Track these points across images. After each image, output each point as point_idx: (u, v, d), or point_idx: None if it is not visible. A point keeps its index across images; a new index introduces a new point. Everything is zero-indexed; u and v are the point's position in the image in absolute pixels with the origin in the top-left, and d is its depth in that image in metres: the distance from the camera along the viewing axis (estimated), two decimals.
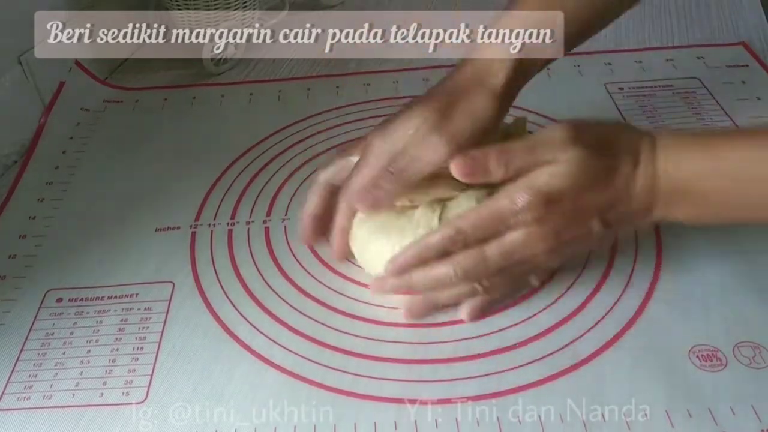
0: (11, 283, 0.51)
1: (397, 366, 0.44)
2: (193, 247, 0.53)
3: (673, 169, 0.41)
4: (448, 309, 0.46)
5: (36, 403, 0.43)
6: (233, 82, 0.75)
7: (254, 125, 0.67)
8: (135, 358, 0.45)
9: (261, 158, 0.63)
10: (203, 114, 0.70)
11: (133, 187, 0.60)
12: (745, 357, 0.42)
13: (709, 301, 0.46)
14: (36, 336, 0.47)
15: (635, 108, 0.66)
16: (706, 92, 0.67)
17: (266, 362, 0.44)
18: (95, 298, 0.49)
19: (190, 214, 0.57)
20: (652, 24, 0.80)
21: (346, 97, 0.71)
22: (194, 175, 0.61)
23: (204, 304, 0.49)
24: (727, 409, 0.40)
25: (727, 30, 0.79)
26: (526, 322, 0.46)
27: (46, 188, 0.61)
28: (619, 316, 0.46)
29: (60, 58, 0.70)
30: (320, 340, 0.46)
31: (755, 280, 0.47)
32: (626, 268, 0.49)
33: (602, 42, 0.77)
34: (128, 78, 0.77)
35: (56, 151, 0.65)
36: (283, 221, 0.55)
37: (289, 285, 0.50)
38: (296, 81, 0.75)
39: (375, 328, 0.46)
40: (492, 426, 0.40)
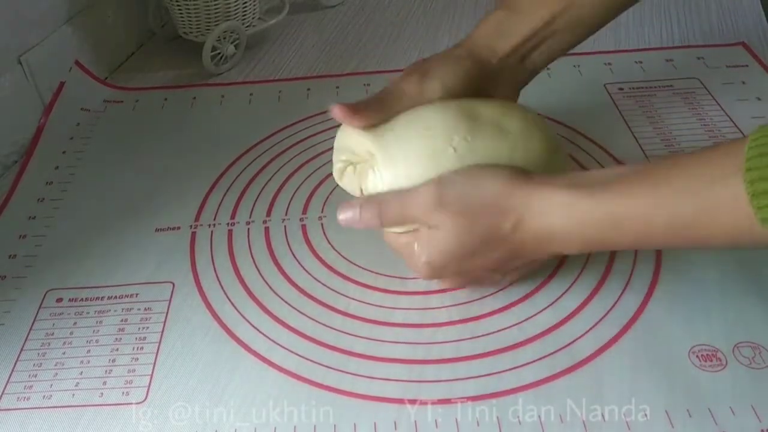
0: (11, 283, 0.51)
1: (397, 366, 0.44)
2: (193, 247, 0.53)
3: (538, 224, 0.40)
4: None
5: (36, 403, 0.43)
6: (233, 82, 0.75)
7: (254, 125, 0.67)
8: (135, 358, 0.45)
9: (261, 158, 0.63)
10: (203, 114, 0.70)
11: (133, 187, 0.60)
12: (744, 357, 0.42)
13: (709, 301, 0.46)
14: (36, 336, 0.47)
15: (635, 108, 0.66)
16: (706, 92, 0.67)
17: (266, 362, 0.44)
18: (95, 298, 0.49)
19: (190, 214, 0.57)
20: (652, 24, 0.80)
21: (346, 97, 0.70)
22: (194, 175, 0.61)
23: (204, 304, 0.49)
24: (727, 409, 0.40)
25: (727, 30, 0.78)
26: (526, 322, 0.46)
27: (46, 188, 0.61)
28: (618, 316, 0.46)
29: (60, 58, 0.70)
30: (320, 340, 0.46)
31: (755, 280, 0.47)
32: (626, 269, 0.49)
33: (602, 42, 0.77)
34: (128, 78, 0.77)
35: (56, 151, 0.65)
36: (283, 221, 0.55)
37: (289, 285, 0.50)
38: (296, 81, 0.75)
39: (375, 328, 0.46)
40: (492, 426, 0.40)
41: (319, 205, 0.57)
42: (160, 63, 0.80)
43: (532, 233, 0.40)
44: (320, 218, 0.55)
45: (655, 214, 0.37)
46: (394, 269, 0.50)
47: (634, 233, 0.39)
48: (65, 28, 0.71)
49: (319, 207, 0.57)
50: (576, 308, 0.46)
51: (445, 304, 0.47)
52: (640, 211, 0.37)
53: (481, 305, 0.47)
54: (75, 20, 0.72)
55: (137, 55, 0.82)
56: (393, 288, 0.49)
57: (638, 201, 0.37)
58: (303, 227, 0.55)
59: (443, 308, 0.47)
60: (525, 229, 0.40)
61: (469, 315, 0.47)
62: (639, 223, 0.38)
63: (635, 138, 0.62)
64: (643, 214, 0.37)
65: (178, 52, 0.80)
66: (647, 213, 0.37)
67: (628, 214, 0.38)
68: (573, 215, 0.39)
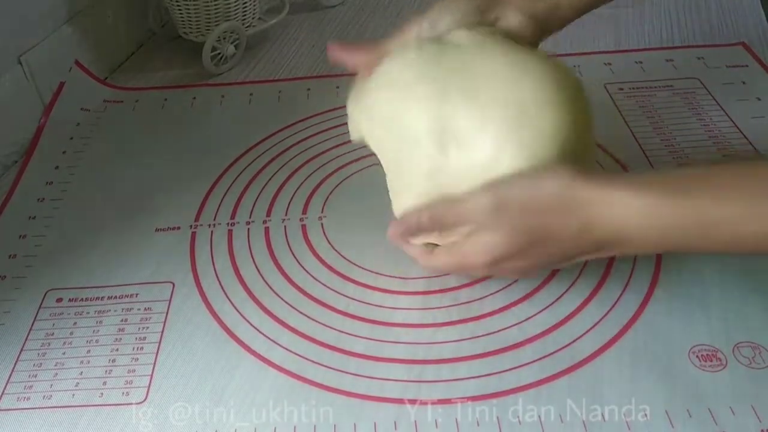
0: (11, 283, 0.51)
1: (397, 366, 0.44)
2: (193, 247, 0.53)
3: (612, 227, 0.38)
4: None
5: (36, 403, 0.43)
6: (233, 82, 0.75)
7: (254, 125, 0.67)
8: (135, 359, 0.45)
9: (261, 158, 0.63)
10: (203, 114, 0.70)
11: (133, 187, 0.60)
12: (744, 357, 0.42)
13: (709, 301, 0.46)
14: (36, 336, 0.47)
15: (635, 108, 0.66)
16: (706, 92, 0.67)
17: (266, 362, 0.44)
18: (95, 298, 0.49)
19: (190, 214, 0.57)
20: (652, 24, 0.80)
21: (345, 97, 0.70)
22: (194, 175, 0.61)
23: (204, 304, 0.49)
24: (727, 409, 0.40)
25: (727, 30, 0.78)
26: (526, 322, 0.46)
27: (46, 188, 0.61)
28: (618, 316, 0.46)
29: (60, 58, 0.70)
30: (320, 340, 0.46)
31: (755, 280, 0.47)
32: (626, 268, 0.49)
33: (602, 42, 0.77)
34: (128, 78, 0.77)
35: (56, 151, 0.65)
36: (283, 221, 0.55)
37: (289, 285, 0.50)
38: (296, 81, 0.75)
39: (375, 328, 0.46)
40: (492, 426, 0.40)
41: (319, 205, 0.57)
42: (160, 63, 0.80)
43: (603, 235, 0.39)
44: (320, 218, 0.55)
45: (749, 222, 0.36)
46: (394, 269, 0.50)
47: (723, 241, 0.37)
48: (65, 28, 0.71)
49: (319, 207, 0.57)
50: (576, 308, 0.46)
51: (445, 304, 0.47)
52: (731, 218, 0.36)
53: (481, 305, 0.47)
54: (75, 20, 0.72)
55: (137, 55, 0.82)
56: (393, 288, 0.49)
57: (730, 209, 0.36)
58: (303, 227, 0.55)
59: (443, 308, 0.47)
60: (595, 230, 0.38)
61: (469, 315, 0.47)
62: (728, 231, 0.36)
63: (635, 138, 0.62)
64: (734, 221, 0.36)
65: (178, 52, 0.80)
66: (739, 221, 0.36)
67: (717, 220, 0.36)
68: (654, 219, 0.37)
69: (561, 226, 0.39)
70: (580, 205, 0.38)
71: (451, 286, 0.49)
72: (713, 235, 0.37)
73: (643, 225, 0.38)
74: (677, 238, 0.38)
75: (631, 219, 0.38)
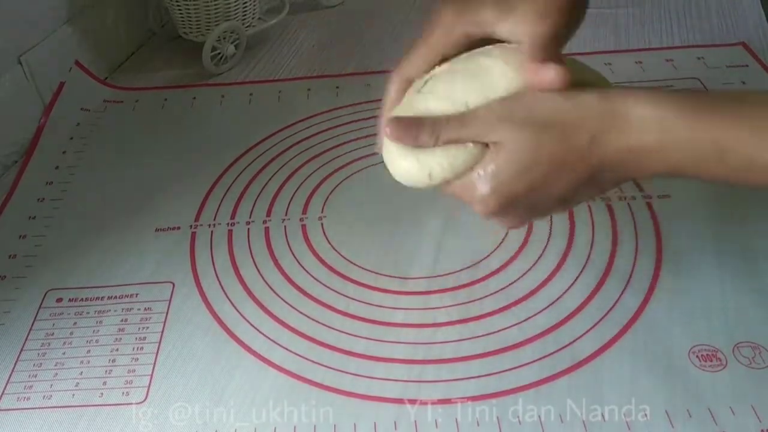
0: (11, 283, 0.51)
1: (397, 366, 0.44)
2: (193, 247, 0.53)
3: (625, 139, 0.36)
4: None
5: (36, 404, 0.43)
6: (233, 82, 0.75)
7: (254, 125, 0.67)
8: (135, 359, 0.45)
9: (261, 158, 0.63)
10: (203, 114, 0.70)
11: (133, 187, 0.60)
12: (744, 357, 0.42)
13: (709, 301, 0.46)
14: (36, 336, 0.47)
15: None
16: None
17: (266, 362, 0.44)
18: (95, 298, 0.49)
19: (190, 214, 0.57)
20: (652, 24, 0.80)
21: (346, 97, 0.71)
22: (194, 175, 0.61)
23: (204, 304, 0.49)
24: (727, 409, 0.40)
25: (727, 30, 0.78)
26: (526, 322, 0.46)
27: (46, 188, 0.61)
28: (619, 316, 0.46)
29: (60, 58, 0.70)
30: (320, 340, 0.46)
31: (755, 280, 0.47)
32: (626, 268, 0.49)
33: (602, 42, 0.77)
34: (128, 78, 0.77)
35: (56, 151, 0.65)
36: (283, 221, 0.55)
37: (289, 285, 0.50)
38: (296, 81, 0.75)
39: (375, 328, 0.46)
40: (492, 426, 0.40)
41: (319, 205, 0.57)
42: (160, 63, 0.80)
43: (613, 149, 0.36)
44: (320, 218, 0.55)
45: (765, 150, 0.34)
46: (394, 269, 0.50)
47: (733, 166, 0.35)
48: (65, 28, 0.71)
49: (319, 207, 0.57)
50: (576, 308, 0.46)
51: (445, 304, 0.47)
52: (748, 142, 0.34)
53: (481, 305, 0.47)
54: (75, 20, 0.72)
55: (137, 55, 0.82)
56: (393, 288, 0.49)
57: (748, 132, 0.34)
58: (303, 227, 0.55)
59: (443, 308, 0.47)
60: (606, 143, 0.35)
61: (469, 315, 0.47)
62: (743, 157, 0.34)
63: None
64: (752, 146, 0.34)
65: (178, 52, 0.80)
66: (757, 146, 0.34)
67: (734, 145, 0.34)
68: (669, 134, 0.35)
69: (568, 140, 0.36)
70: (590, 116, 0.36)
71: (451, 286, 0.49)
72: (728, 159, 0.35)
73: (656, 140, 0.35)
74: (689, 160, 0.36)
75: (645, 133, 0.35)
